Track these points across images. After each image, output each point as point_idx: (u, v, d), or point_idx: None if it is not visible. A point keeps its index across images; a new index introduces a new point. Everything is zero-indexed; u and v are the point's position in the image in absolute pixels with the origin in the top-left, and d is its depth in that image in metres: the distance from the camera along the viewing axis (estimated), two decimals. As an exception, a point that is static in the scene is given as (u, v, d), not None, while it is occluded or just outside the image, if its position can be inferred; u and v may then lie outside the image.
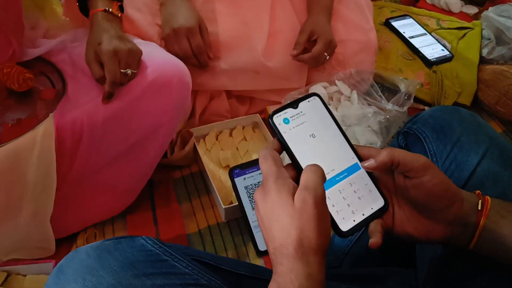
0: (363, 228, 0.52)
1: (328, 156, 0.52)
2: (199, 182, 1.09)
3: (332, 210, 0.50)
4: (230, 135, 1.17)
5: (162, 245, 0.59)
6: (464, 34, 1.42)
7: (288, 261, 0.44)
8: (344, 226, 0.50)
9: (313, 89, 1.08)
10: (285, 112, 0.52)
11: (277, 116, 0.51)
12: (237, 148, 1.13)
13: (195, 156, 1.12)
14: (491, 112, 1.31)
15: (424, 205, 0.52)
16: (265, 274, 0.66)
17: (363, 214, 0.51)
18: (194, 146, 1.10)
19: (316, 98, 0.54)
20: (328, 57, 1.11)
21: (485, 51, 1.37)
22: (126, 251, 0.57)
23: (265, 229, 0.48)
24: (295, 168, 0.51)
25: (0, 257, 0.85)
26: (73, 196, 0.92)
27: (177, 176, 1.10)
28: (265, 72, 1.09)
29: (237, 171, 0.98)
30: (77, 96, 0.89)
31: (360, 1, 1.21)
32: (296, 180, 0.50)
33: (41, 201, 0.84)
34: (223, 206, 0.97)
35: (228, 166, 1.08)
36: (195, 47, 1.02)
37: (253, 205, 0.97)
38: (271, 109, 1.20)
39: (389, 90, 1.18)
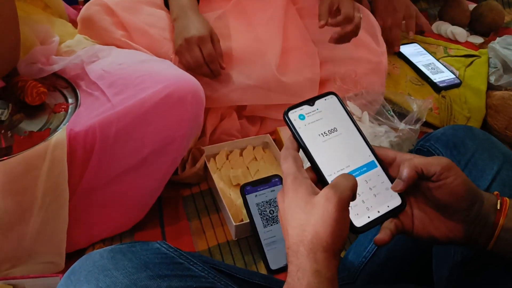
0: (378, 226, 0.51)
1: (343, 153, 0.51)
2: (209, 200, 1.08)
3: None
4: (241, 155, 1.16)
5: (177, 249, 0.58)
6: (471, 62, 1.44)
7: (297, 259, 0.44)
8: (358, 222, 0.49)
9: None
10: (301, 109, 0.52)
11: (293, 112, 0.51)
12: (247, 167, 1.13)
13: (205, 174, 1.11)
14: (501, 137, 1.30)
15: (447, 205, 0.51)
16: (279, 284, 0.64)
17: (378, 212, 0.50)
18: (205, 164, 1.09)
19: (333, 96, 0.54)
20: (361, 15, 1.07)
21: (492, 79, 1.39)
22: (140, 253, 0.56)
23: (283, 228, 0.48)
24: (312, 166, 0.51)
25: (8, 267, 0.83)
26: (82, 210, 0.90)
27: (186, 194, 1.09)
28: (277, 88, 1.10)
29: (249, 188, 0.97)
30: (91, 108, 0.90)
31: (373, 25, 1.24)
32: (316, 182, 0.50)
33: (51, 211, 0.83)
34: (234, 224, 0.96)
35: (238, 184, 1.07)
36: (206, 56, 1.03)
37: (264, 223, 0.95)
38: (281, 130, 1.20)
39: (399, 114, 1.18)
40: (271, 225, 0.95)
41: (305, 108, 0.52)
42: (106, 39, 1.07)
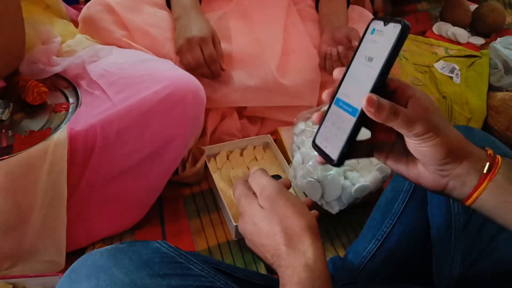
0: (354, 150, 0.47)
1: (354, 82, 0.48)
2: (209, 199, 1.08)
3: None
4: (241, 154, 1.16)
5: (177, 249, 0.58)
6: (472, 63, 1.44)
7: (283, 260, 0.44)
8: (334, 156, 0.46)
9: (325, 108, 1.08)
10: (378, 23, 0.47)
11: (375, 22, 0.48)
12: (248, 167, 1.13)
13: (205, 173, 1.11)
14: (502, 138, 1.30)
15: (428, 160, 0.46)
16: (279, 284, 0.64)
17: (345, 137, 0.46)
18: (205, 164, 1.09)
19: (399, 27, 0.44)
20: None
21: (493, 79, 1.39)
22: (140, 251, 0.55)
23: (256, 247, 0.50)
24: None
25: (8, 266, 0.83)
26: (82, 208, 0.91)
27: (186, 193, 1.09)
28: (278, 89, 1.10)
29: (249, 187, 0.97)
30: (91, 107, 0.90)
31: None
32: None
33: (51, 209, 0.83)
34: (234, 223, 0.96)
35: (238, 184, 1.07)
36: (207, 56, 1.04)
37: (264, 223, 0.95)
38: (282, 130, 1.20)
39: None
40: (271, 225, 0.95)
41: (380, 25, 0.47)
42: (107, 39, 1.07)
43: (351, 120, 0.46)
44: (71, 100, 0.96)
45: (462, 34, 1.61)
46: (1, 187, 0.77)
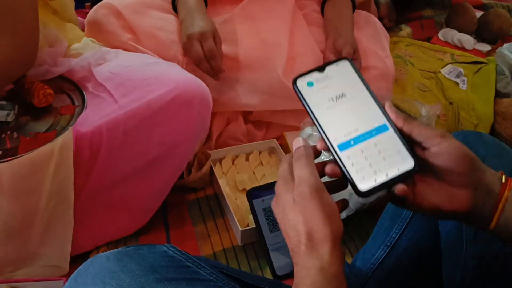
0: (385, 190, 0.49)
1: (352, 117, 0.49)
2: (214, 204, 1.07)
3: (351, 170, 0.47)
4: (247, 159, 1.16)
5: (184, 253, 0.57)
6: (479, 69, 1.44)
7: (300, 259, 0.43)
8: (363, 185, 0.47)
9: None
10: (310, 75, 0.50)
11: (301, 80, 0.50)
12: (253, 172, 1.12)
13: (211, 178, 1.10)
14: (509, 144, 1.29)
15: (447, 170, 0.48)
16: (288, 289, 0.63)
17: (387, 174, 0.48)
18: (211, 168, 1.08)
19: (346, 61, 0.51)
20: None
21: (500, 86, 1.38)
22: (147, 255, 0.55)
23: (283, 233, 0.48)
24: (321, 134, 0.49)
25: (12, 269, 0.82)
26: (87, 212, 0.90)
27: (191, 198, 1.08)
28: (284, 93, 1.10)
29: (255, 192, 0.96)
30: (97, 109, 0.89)
31: (378, 31, 1.24)
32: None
33: (56, 214, 0.82)
34: (240, 228, 0.95)
35: (244, 189, 1.06)
36: (207, 51, 1.02)
37: (271, 228, 0.94)
38: (288, 135, 1.19)
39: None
40: (278, 230, 0.94)
41: (315, 75, 0.50)
42: (113, 42, 1.07)
43: (389, 134, 0.49)
44: (76, 102, 0.96)
45: (468, 40, 1.61)
46: (6, 189, 0.76)
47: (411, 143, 0.50)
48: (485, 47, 1.63)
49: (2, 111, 0.89)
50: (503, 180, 0.49)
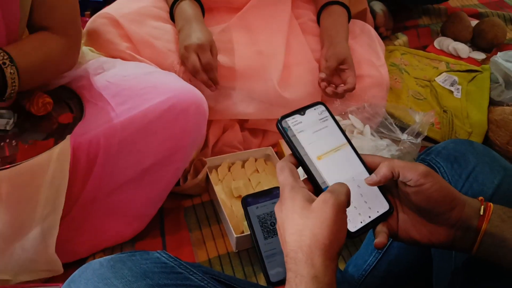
0: (369, 231, 0.54)
1: (335, 162, 0.54)
2: (210, 211, 1.08)
3: None
4: (243, 166, 1.17)
5: (177, 259, 0.58)
6: (474, 77, 1.45)
7: (295, 265, 0.44)
8: (352, 227, 0.52)
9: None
10: (293, 118, 0.55)
11: (285, 121, 0.55)
12: (249, 179, 1.13)
13: (207, 185, 1.12)
14: (502, 152, 1.30)
15: (426, 209, 0.53)
16: (280, 296, 0.64)
17: (370, 217, 0.53)
18: (207, 175, 1.10)
19: (321, 106, 0.57)
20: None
21: (494, 94, 1.40)
22: (140, 262, 0.56)
23: (281, 238, 0.49)
24: (307, 175, 0.53)
25: (8, 278, 0.83)
26: (83, 219, 0.91)
27: (187, 205, 1.09)
28: (279, 102, 1.11)
29: (250, 199, 0.97)
30: (95, 118, 0.90)
31: (374, 40, 1.25)
32: (313, 193, 0.51)
33: (48, 222, 0.82)
34: (235, 235, 0.96)
35: (239, 196, 1.07)
36: (204, 64, 1.04)
37: (265, 235, 0.95)
38: (283, 142, 1.20)
39: (400, 128, 1.19)
40: (272, 237, 0.95)
41: (297, 117, 0.55)
42: (111, 51, 1.08)
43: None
44: (75, 111, 0.97)
45: (463, 49, 1.63)
46: (4, 197, 0.77)
47: (392, 183, 0.55)
48: (480, 56, 1.65)
49: (2, 119, 0.90)
50: (481, 212, 0.52)
